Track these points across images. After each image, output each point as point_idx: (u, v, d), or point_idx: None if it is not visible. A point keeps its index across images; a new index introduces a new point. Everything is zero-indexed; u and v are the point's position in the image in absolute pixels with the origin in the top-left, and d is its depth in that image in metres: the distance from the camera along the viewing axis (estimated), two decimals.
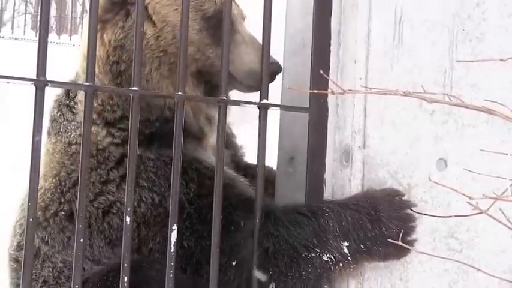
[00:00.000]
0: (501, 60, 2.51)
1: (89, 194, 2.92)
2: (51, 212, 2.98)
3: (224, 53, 2.59)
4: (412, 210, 2.57)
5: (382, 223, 2.53)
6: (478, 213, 2.10)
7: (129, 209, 2.41)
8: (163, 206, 2.82)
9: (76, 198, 2.84)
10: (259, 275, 2.55)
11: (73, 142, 3.03)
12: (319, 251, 2.53)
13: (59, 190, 3.00)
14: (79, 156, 2.89)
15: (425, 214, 2.56)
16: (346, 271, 2.57)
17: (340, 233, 2.53)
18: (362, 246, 2.53)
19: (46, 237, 2.97)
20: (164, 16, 2.96)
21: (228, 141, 2.97)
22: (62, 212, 2.97)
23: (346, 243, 2.52)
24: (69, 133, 3.06)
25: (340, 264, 2.53)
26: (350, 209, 2.55)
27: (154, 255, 2.65)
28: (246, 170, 3.23)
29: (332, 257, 2.52)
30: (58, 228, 2.95)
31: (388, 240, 2.49)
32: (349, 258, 2.52)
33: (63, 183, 3.00)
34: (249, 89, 3.00)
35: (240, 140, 3.46)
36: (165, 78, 2.93)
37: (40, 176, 2.59)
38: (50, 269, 2.93)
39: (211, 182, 2.58)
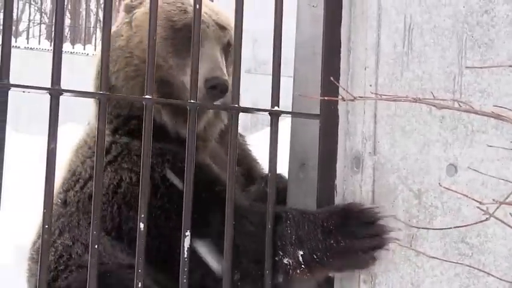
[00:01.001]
0: (510, 66, 2.53)
1: (80, 180, 3.09)
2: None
3: (235, 62, 2.63)
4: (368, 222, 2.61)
5: (332, 236, 2.60)
6: (485, 220, 2.11)
7: (142, 215, 2.44)
8: None
9: (71, 188, 3.10)
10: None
11: (81, 140, 3.22)
12: (281, 253, 2.62)
13: (61, 182, 3.17)
14: (81, 150, 3.17)
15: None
16: (304, 277, 2.64)
17: (296, 241, 2.62)
18: (315, 257, 2.60)
19: None
20: (140, 21, 3.12)
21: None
22: (59, 200, 3.11)
23: (301, 252, 2.61)
24: (82, 135, 3.25)
25: (298, 271, 2.62)
26: (308, 220, 2.64)
27: (134, 234, 2.65)
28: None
29: (290, 262, 2.61)
30: (55, 215, 3.05)
31: (338, 253, 2.59)
32: (303, 266, 2.61)
33: (65, 176, 3.18)
34: (212, 97, 2.99)
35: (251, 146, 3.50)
36: (131, 79, 3.07)
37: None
38: (52, 253, 3.01)
39: (183, 165, 2.59)
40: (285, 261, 2.62)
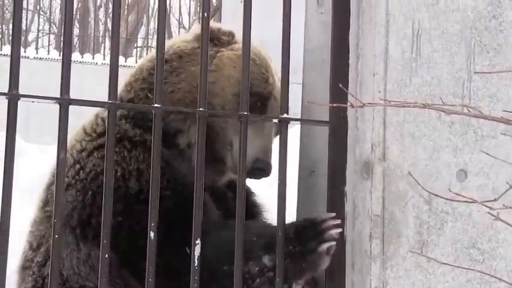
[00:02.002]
0: None
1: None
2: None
3: (243, 71, 2.63)
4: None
5: (291, 243, 2.63)
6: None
7: (153, 224, 2.43)
8: None
9: (52, 182, 2.85)
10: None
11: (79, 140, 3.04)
12: (249, 261, 2.61)
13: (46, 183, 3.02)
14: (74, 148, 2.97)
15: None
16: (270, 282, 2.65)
17: (262, 247, 2.65)
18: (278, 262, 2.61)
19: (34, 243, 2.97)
20: (223, 65, 3.08)
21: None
22: (40, 203, 2.98)
23: (267, 257, 2.64)
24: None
25: (265, 276, 2.63)
26: (273, 229, 2.62)
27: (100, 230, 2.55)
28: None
29: (255, 269, 2.64)
30: (36, 223, 2.92)
31: (293, 257, 2.62)
32: (270, 272, 2.62)
33: (49, 177, 3.01)
34: (253, 175, 3.01)
35: None
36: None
37: None
38: (31, 277, 2.91)
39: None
40: (251, 268, 2.63)
